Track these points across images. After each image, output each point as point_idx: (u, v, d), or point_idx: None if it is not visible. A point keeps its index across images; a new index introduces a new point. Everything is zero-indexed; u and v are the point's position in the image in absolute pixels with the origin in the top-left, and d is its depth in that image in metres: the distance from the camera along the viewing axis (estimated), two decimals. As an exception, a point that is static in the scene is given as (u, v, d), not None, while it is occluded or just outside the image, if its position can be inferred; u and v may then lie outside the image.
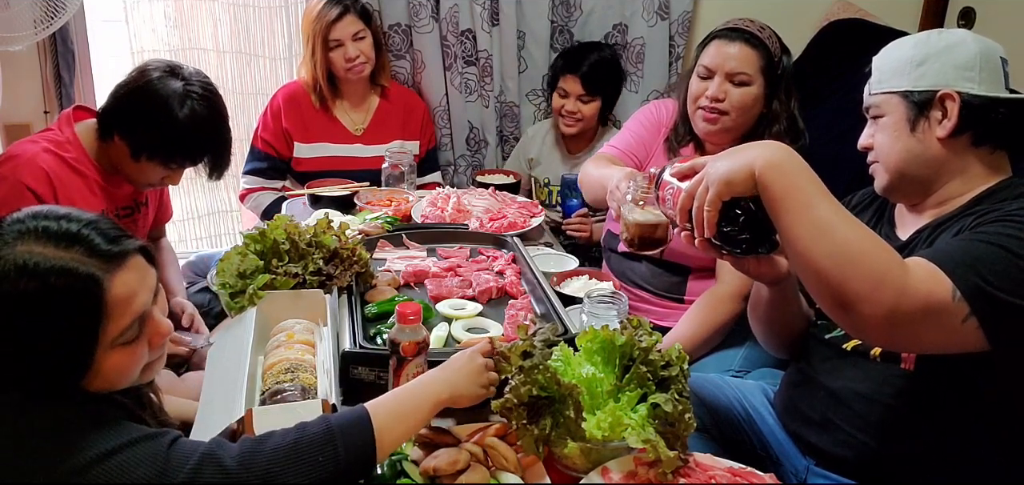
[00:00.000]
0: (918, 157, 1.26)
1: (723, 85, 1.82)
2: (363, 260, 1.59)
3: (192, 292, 2.18)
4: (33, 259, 0.89)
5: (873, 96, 1.31)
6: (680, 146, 1.98)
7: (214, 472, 0.90)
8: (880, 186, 1.33)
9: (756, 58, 1.81)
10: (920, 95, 1.24)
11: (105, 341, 0.93)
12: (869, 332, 1.05)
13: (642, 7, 2.69)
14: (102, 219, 0.97)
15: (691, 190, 1.14)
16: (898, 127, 1.27)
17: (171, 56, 2.78)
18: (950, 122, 1.22)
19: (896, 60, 1.28)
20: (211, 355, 1.40)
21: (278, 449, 0.93)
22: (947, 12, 2.68)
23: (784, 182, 1.05)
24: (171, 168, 1.78)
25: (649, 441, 1.04)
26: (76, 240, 0.92)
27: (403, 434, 1.04)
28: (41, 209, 0.95)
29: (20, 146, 1.73)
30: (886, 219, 1.40)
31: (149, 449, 0.89)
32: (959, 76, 1.22)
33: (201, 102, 1.72)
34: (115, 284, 0.92)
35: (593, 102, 2.52)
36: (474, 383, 1.13)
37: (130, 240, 0.97)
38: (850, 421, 1.29)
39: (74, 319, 0.90)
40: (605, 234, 2.17)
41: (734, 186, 1.08)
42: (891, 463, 1.26)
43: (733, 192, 1.08)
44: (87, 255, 0.91)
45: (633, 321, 1.19)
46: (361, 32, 2.42)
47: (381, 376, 1.28)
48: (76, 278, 0.90)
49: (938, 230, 1.25)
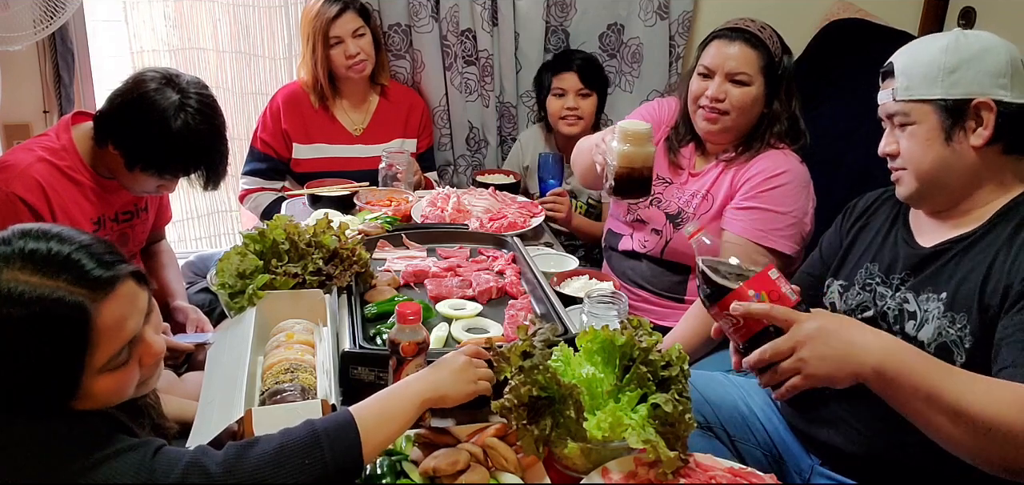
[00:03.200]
0: (952, 167, 1.24)
1: (723, 85, 1.82)
2: (363, 260, 1.59)
3: (192, 292, 2.18)
4: (18, 288, 0.87)
5: (900, 102, 1.26)
6: (680, 145, 1.98)
7: (199, 477, 0.89)
8: (905, 193, 1.31)
9: (756, 58, 1.81)
10: (954, 104, 1.21)
11: (92, 368, 0.91)
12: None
13: (639, 7, 2.69)
14: (96, 242, 0.95)
15: (775, 358, 1.11)
16: (931, 136, 1.24)
17: (170, 56, 2.78)
18: (986, 131, 1.20)
19: (925, 65, 1.24)
20: (211, 355, 1.40)
21: (263, 454, 0.93)
22: (947, 12, 2.68)
23: (901, 385, 1.06)
24: (165, 178, 1.77)
25: (649, 441, 1.04)
26: (65, 267, 0.90)
27: (389, 436, 1.04)
28: (31, 228, 0.94)
29: (14, 155, 1.72)
30: (901, 222, 1.38)
31: (133, 460, 0.89)
32: (994, 84, 1.20)
33: (197, 115, 1.69)
34: (103, 313, 0.91)
35: (591, 97, 2.52)
36: (460, 381, 1.12)
37: (123, 265, 0.95)
38: (863, 419, 1.28)
39: (59, 348, 0.89)
40: (606, 234, 2.17)
41: (833, 385, 1.09)
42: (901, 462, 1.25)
43: (829, 386, 1.10)
44: (74, 283, 0.90)
45: (633, 321, 1.18)
46: (361, 29, 2.42)
47: (381, 376, 1.28)
48: (62, 307, 0.88)
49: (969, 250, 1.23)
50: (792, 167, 1.82)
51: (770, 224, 1.79)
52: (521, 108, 2.84)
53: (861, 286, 1.37)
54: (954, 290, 1.21)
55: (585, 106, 2.51)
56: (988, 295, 1.16)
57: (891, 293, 1.31)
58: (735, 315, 1.12)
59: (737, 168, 1.86)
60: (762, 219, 1.79)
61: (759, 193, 1.80)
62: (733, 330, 1.14)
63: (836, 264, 1.46)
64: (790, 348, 1.08)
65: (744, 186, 1.83)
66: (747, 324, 1.12)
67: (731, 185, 1.86)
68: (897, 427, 1.24)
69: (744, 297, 1.11)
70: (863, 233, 1.44)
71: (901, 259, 1.32)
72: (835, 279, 1.43)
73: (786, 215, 1.79)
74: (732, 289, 1.13)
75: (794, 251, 1.79)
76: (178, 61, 2.78)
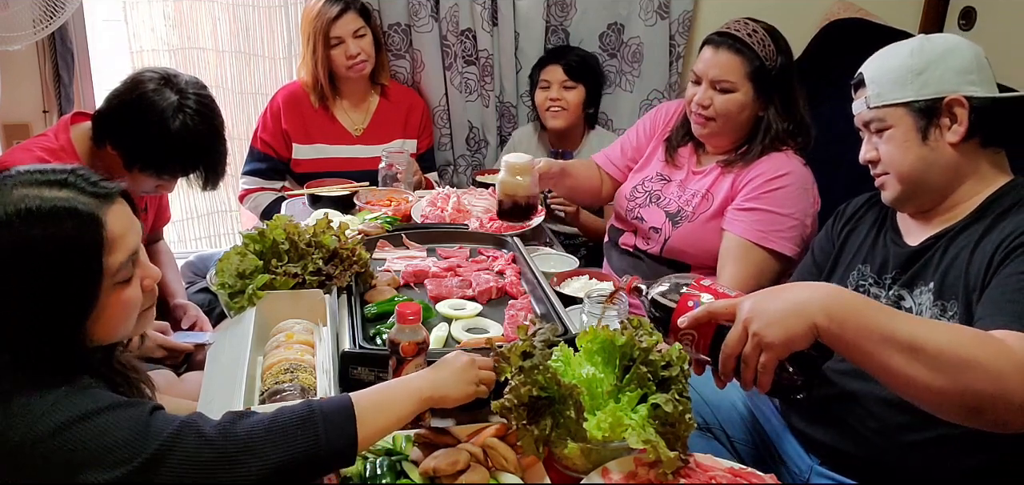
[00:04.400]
0: (932, 165, 1.26)
1: (708, 92, 1.83)
2: (363, 260, 1.59)
3: (192, 292, 2.18)
4: (34, 201, 0.93)
5: (873, 109, 1.30)
6: (679, 145, 1.99)
7: (193, 437, 0.91)
8: (891, 197, 1.33)
9: (740, 65, 1.81)
10: (926, 104, 1.25)
11: (109, 274, 0.97)
12: (1012, 424, 1.01)
13: (639, 6, 2.69)
14: (79, 167, 1.02)
15: (734, 349, 1.05)
16: (908, 137, 1.27)
17: (170, 56, 2.78)
18: (961, 127, 1.23)
19: (894, 71, 1.28)
20: (211, 355, 1.40)
21: (258, 422, 0.95)
22: (947, 12, 2.68)
23: (853, 324, 1.00)
24: (164, 178, 1.77)
25: (649, 441, 1.04)
26: (67, 183, 0.98)
27: (385, 425, 1.04)
28: (21, 168, 1.00)
29: (12, 155, 1.72)
30: (889, 226, 1.39)
31: (130, 414, 0.91)
32: (962, 80, 1.23)
33: (195, 115, 1.69)
34: (110, 219, 0.98)
35: (576, 89, 2.53)
36: (460, 381, 1.12)
37: (113, 183, 1.03)
38: (865, 423, 1.29)
39: (82, 253, 0.95)
40: (608, 231, 2.17)
41: (794, 345, 1.02)
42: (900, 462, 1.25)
43: (792, 350, 1.03)
44: (82, 192, 0.97)
45: (633, 321, 1.18)
46: (361, 29, 2.42)
47: (381, 376, 1.28)
48: (78, 213, 0.95)
49: (955, 239, 1.25)
50: (794, 169, 1.82)
51: (771, 225, 1.78)
52: (521, 108, 2.84)
53: (854, 287, 1.38)
54: (941, 279, 1.23)
55: (569, 97, 2.53)
56: (973, 277, 1.18)
57: (884, 292, 1.33)
58: (684, 328, 1.10)
59: (738, 170, 1.86)
60: (763, 220, 1.79)
61: (761, 194, 1.80)
62: (694, 348, 1.12)
63: (829, 267, 1.48)
64: (742, 332, 1.04)
65: (746, 187, 1.83)
66: (701, 335, 1.10)
67: (732, 186, 1.86)
68: (896, 427, 1.25)
69: (684, 309, 1.10)
70: (853, 236, 1.46)
71: (892, 258, 1.34)
72: (828, 282, 1.44)
73: (787, 217, 1.79)
74: (672, 310, 1.12)
75: (795, 253, 1.79)
76: (178, 61, 2.78)
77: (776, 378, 1.05)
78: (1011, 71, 1.28)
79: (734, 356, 1.05)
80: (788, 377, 1.07)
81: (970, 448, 1.19)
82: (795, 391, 1.09)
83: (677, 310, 1.11)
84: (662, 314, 1.14)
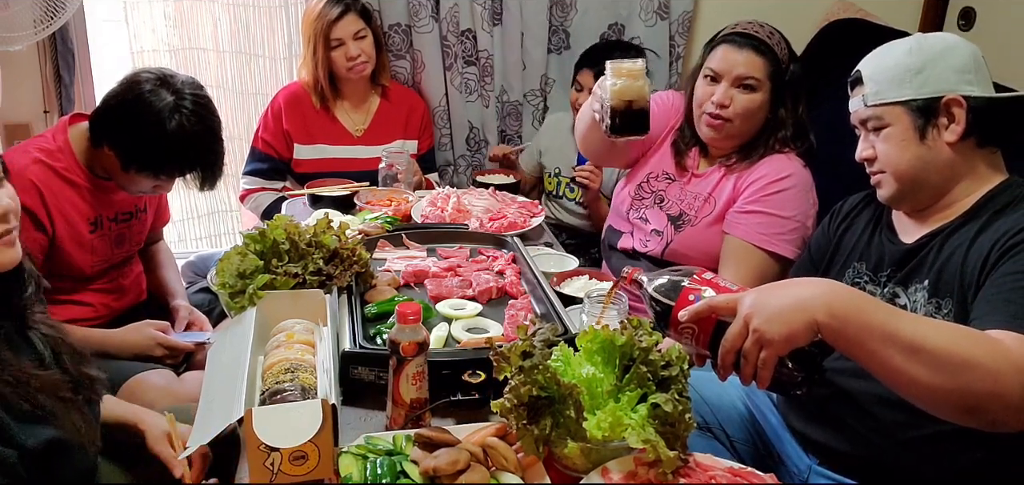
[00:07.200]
0: (929, 164, 1.27)
1: (729, 91, 1.81)
2: (363, 260, 1.59)
3: (192, 292, 2.18)
4: None
5: (871, 107, 1.30)
6: (686, 149, 1.98)
7: None
8: (887, 195, 1.33)
9: (763, 65, 1.80)
10: (925, 103, 1.25)
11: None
12: (1006, 423, 1.01)
13: (640, 7, 2.69)
14: None
15: (734, 344, 1.05)
16: (906, 136, 1.27)
17: (170, 56, 2.78)
18: (959, 127, 1.24)
19: (892, 69, 1.28)
20: (211, 355, 1.40)
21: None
22: (947, 12, 2.68)
23: (855, 322, 1.00)
24: (161, 179, 1.77)
25: (649, 441, 1.04)
26: None
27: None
28: None
29: (9, 156, 1.71)
30: (884, 224, 1.40)
31: None
32: (960, 80, 1.24)
33: (192, 116, 1.69)
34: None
35: None
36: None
37: None
38: (863, 422, 1.29)
39: None
40: (605, 233, 2.17)
41: (795, 341, 1.01)
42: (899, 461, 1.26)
43: (793, 347, 1.02)
44: None
45: (633, 321, 1.18)
46: (362, 31, 2.42)
47: (381, 376, 1.28)
48: None
49: (950, 237, 1.25)
50: (796, 171, 1.82)
51: (773, 228, 1.79)
52: (526, 107, 2.84)
53: (850, 284, 1.38)
54: (936, 277, 1.24)
55: None
56: (968, 276, 1.18)
57: (880, 289, 1.34)
58: (685, 322, 1.10)
59: (740, 172, 1.86)
60: (765, 223, 1.79)
61: (762, 197, 1.80)
62: (694, 343, 1.12)
63: (825, 265, 1.48)
64: (743, 327, 1.04)
65: (747, 190, 1.83)
66: (701, 329, 1.10)
67: (734, 189, 1.86)
68: (893, 425, 1.25)
69: (685, 303, 1.10)
70: (848, 234, 1.47)
71: (887, 256, 1.35)
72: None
73: (789, 219, 1.79)
74: (673, 305, 1.11)
75: (796, 255, 1.78)
76: (178, 61, 2.78)
77: (776, 374, 1.05)
78: (1010, 71, 1.28)
79: (734, 351, 1.05)
80: (788, 373, 1.07)
81: (967, 446, 1.19)
82: (795, 387, 1.09)
83: (678, 303, 1.11)
84: (662, 308, 1.14)
